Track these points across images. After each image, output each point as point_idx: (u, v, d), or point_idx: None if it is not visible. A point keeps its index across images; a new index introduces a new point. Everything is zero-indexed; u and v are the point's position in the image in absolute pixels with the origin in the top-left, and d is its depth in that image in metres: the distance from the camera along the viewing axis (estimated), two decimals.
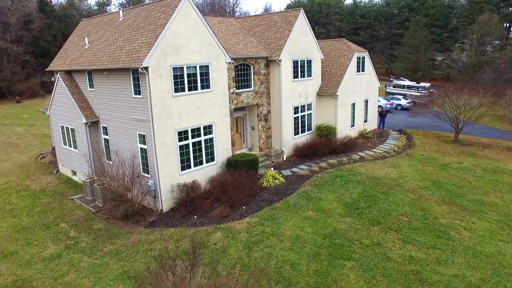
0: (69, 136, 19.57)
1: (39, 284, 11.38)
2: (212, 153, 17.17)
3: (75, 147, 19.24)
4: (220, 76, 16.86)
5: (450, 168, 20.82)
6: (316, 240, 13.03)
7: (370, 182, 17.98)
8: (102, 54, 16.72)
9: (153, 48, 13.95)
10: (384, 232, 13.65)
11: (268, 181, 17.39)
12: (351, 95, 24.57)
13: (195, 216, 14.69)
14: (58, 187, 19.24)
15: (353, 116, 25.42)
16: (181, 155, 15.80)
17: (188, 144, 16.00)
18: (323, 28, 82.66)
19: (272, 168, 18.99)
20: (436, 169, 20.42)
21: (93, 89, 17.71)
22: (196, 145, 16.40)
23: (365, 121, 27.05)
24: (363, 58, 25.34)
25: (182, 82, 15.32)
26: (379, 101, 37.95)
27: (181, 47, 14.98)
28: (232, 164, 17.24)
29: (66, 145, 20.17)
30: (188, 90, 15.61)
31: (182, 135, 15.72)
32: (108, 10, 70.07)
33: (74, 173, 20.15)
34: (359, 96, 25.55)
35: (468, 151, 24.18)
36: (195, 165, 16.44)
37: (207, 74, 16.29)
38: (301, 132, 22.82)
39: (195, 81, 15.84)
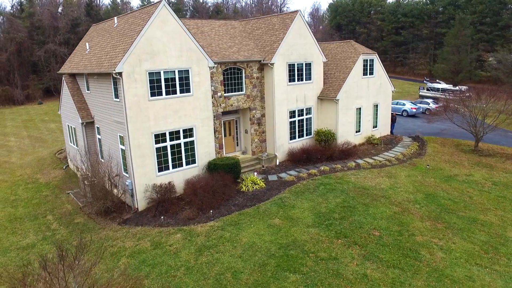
0: (72, 134, 21.02)
1: (5, 271, 12.43)
2: (193, 155, 17.49)
3: (77, 145, 20.63)
4: (202, 80, 17.11)
5: (454, 180, 19.22)
6: (270, 249, 12.79)
7: (355, 192, 17.20)
8: (94, 58, 17.76)
9: (126, 54, 14.56)
10: (346, 246, 13.03)
11: (247, 186, 17.34)
12: (356, 99, 23.58)
13: (162, 217, 15.10)
14: (61, 182, 20.75)
15: (359, 122, 24.37)
16: (158, 156, 16.30)
17: (166, 146, 16.47)
18: (364, 27, 79.89)
19: (256, 173, 18.88)
20: (438, 181, 18.97)
21: (89, 92, 18.88)
22: (175, 147, 16.82)
23: (375, 126, 25.80)
24: (372, 60, 24.19)
25: (159, 87, 15.79)
26: (403, 104, 36.12)
27: (158, 53, 15.45)
28: (211, 167, 17.44)
29: (71, 143, 21.70)
30: (166, 94, 16.05)
31: (159, 138, 16.21)
32: None
33: (78, 169, 21.59)
34: (366, 101, 24.43)
35: (485, 162, 22.12)
36: (174, 167, 16.87)
37: (187, 78, 16.62)
38: (299, 137, 22.38)
39: (174, 85, 16.24)
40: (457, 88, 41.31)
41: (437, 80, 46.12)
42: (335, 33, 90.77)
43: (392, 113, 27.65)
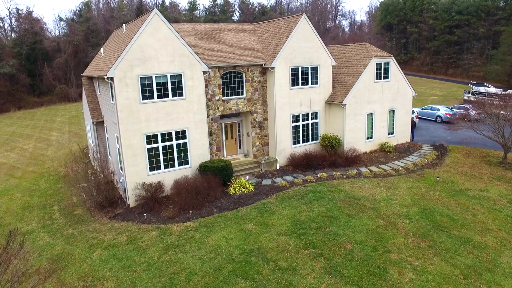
0: (89, 132, 22.84)
1: None
2: (186, 157, 18.13)
3: (92, 142, 22.39)
4: (195, 84, 17.66)
5: (463, 195, 17.70)
6: (233, 253, 12.93)
7: (344, 202, 16.62)
8: (102, 63, 19.16)
9: (117, 60, 15.56)
10: (311, 258, 12.72)
11: (235, 189, 17.57)
12: (367, 104, 22.61)
13: (145, 214, 15.92)
14: (78, 175, 22.60)
15: (371, 128, 23.33)
16: (150, 157, 17.17)
17: (157, 147, 17.28)
18: (415, 27, 75.46)
19: (247, 177, 19.03)
20: (443, 195, 17.61)
21: (100, 94, 20.40)
22: (167, 148, 17.57)
23: (391, 133, 24.49)
24: (387, 64, 23.00)
25: (151, 91, 16.62)
26: (438, 110, 33.71)
27: (149, 59, 16.28)
28: (202, 169, 17.93)
29: (90, 139, 23.57)
30: (158, 98, 16.84)
31: (151, 139, 17.07)
32: (196, 14, 76.33)
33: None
34: (380, 106, 23.30)
35: (510, 176, 19.99)
36: (166, 167, 17.64)
37: (180, 82, 17.27)
38: (303, 142, 22.06)
39: (166, 89, 16.98)
40: (506, 93, 37.49)
41: (485, 84, 42.20)
42: (385, 33, 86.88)
43: (412, 118, 26.03)
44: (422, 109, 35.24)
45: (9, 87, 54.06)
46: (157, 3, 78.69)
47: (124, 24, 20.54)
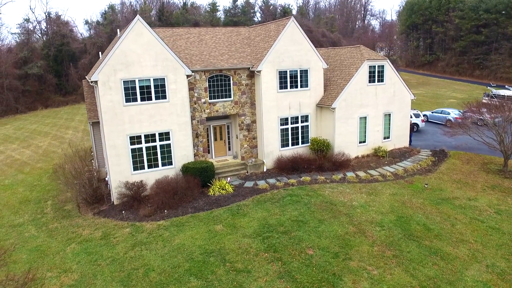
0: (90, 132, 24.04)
1: None
2: (170, 157, 18.75)
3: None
4: (179, 87, 18.22)
5: (448, 203, 17.15)
6: (194, 253, 13.34)
7: (319, 206, 16.59)
8: (97, 66, 20.17)
9: (101, 65, 16.40)
10: (268, 261, 12.89)
11: (214, 191, 17.97)
12: (360, 108, 22.29)
13: (124, 212, 16.66)
14: (67, 173, 23.73)
15: (364, 132, 22.96)
16: (134, 157, 17.92)
17: (141, 148, 18.01)
18: (441, 26, 72.64)
19: (229, 178, 19.36)
20: (426, 203, 17.15)
21: (96, 95, 21.46)
22: (151, 149, 18.26)
23: (387, 137, 23.97)
24: (381, 67, 22.55)
25: (134, 93, 17.36)
26: (448, 113, 32.51)
27: (132, 63, 17.00)
28: (184, 170, 18.48)
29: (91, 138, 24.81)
30: (141, 100, 17.55)
31: (135, 140, 17.81)
32: (217, 16, 77.43)
33: None
34: (374, 110, 22.89)
35: (506, 185, 19.09)
36: (149, 167, 18.34)
37: (163, 86, 17.89)
38: (293, 145, 22.11)
39: (149, 92, 17.66)
40: None
41: (506, 86, 40.07)
42: (410, 33, 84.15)
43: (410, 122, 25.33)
44: (432, 112, 34.13)
45: (37, 87, 57.41)
46: (184, 3, 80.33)
47: (118, 30, 21.47)
